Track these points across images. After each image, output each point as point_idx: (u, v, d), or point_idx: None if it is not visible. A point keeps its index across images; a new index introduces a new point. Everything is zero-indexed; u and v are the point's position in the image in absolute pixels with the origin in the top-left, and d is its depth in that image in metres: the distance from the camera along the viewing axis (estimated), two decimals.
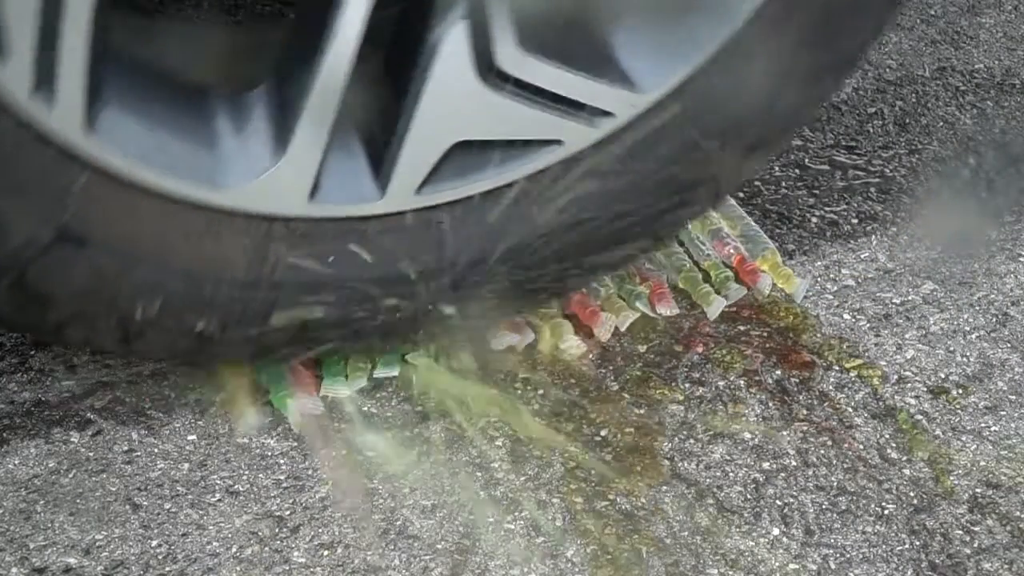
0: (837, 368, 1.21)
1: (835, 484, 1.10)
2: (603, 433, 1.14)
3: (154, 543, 1.03)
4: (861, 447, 1.13)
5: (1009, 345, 1.25)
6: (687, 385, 1.19)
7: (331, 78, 0.93)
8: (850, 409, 1.17)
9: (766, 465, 1.11)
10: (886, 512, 1.07)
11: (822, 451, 1.13)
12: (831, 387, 1.19)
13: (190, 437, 1.13)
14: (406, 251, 1.04)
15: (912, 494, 1.09)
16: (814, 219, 1.42)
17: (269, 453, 1.11)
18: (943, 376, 1.21)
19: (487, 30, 0.96)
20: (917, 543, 1.04)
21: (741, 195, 1.44)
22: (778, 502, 1.08)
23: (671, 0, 1.02)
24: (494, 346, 1.20)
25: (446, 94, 0.97)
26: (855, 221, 1.42)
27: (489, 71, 0.97)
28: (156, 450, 1.11)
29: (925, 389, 1.20)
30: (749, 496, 1.08)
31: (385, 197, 1.01)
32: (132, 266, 1.00)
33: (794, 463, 1.11)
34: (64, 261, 0.98)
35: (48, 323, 1.05)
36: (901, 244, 1.39)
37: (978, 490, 1.09)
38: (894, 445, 1.14)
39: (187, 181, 0.97)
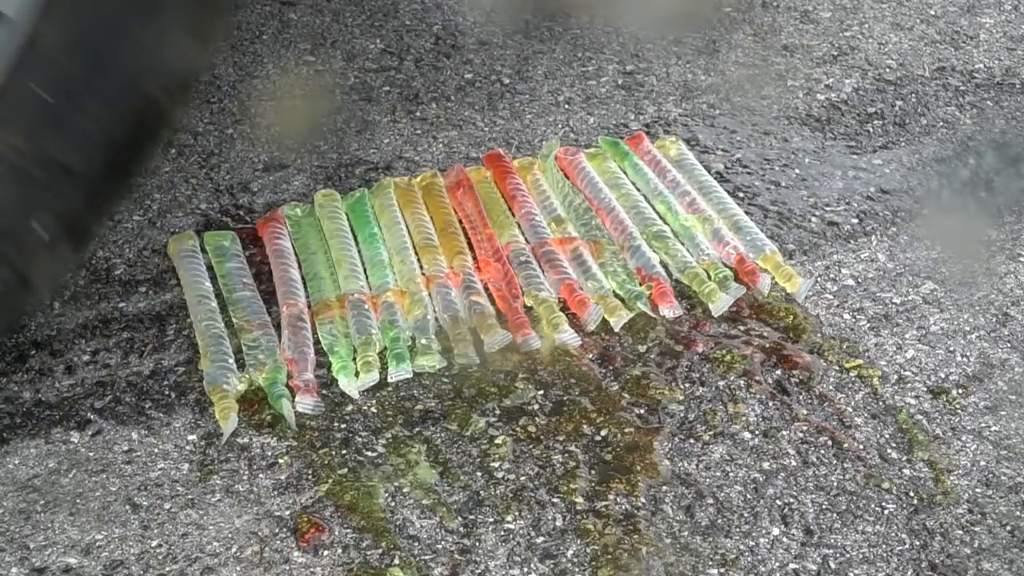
0: (837, 368, 1.21)
1: (835, 484, 1.10)
2: (603, 433, 1.14)
3: (154, 543, 1.03)
4: (861, 447, 1.13)
5: (1009, 345, 1.25)
6: (687, 385, 1.19)
7: None
8: (850, 409, 1.17)
9: (766, 465, 1.11)
10: (886, 512, 1.07)
11: (822, 451, 1.13)
12: (831, 387, 1.19)
13: (190, 437, 1.13)
14: None
15: (912, 494, 1.09)
16: (814, 219, 1.42)
17: (269, 453, 1.11)
18: (943, 376, 1.21)
19: None
20: (917, 543, 1.04)
21: (741, 195, 1.44)
22: (778, 502, 1.08)
23: None
24: (488, 347, 1.20)
25: None
26: (855, 221, 1.42)
27: None
28: (156, 450, 1.11)
29: (925, 389, 1.20)
30: (749, 496, 1.08)
31: None
32: None
33: (794, 463, 1.11)
34: None
35: None
36: (901, 244, 1.39)
37: (978, 490, 1.09)
38: (894, 445, 1.14)
39: None
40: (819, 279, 1.33)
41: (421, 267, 1.29)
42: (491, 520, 1.05)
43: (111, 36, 1.01)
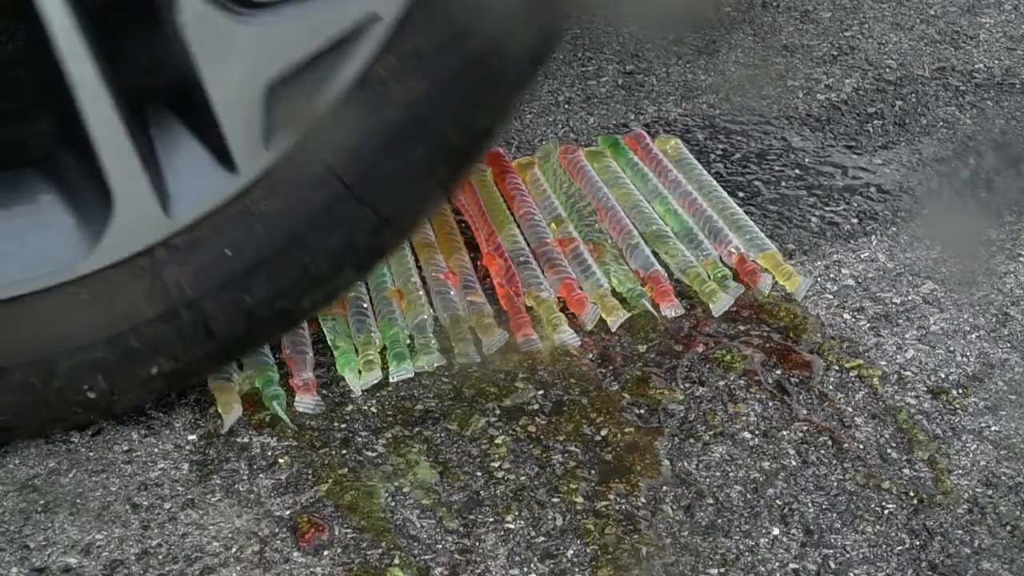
0: (837, 368, 1.22)
1: (835, 484, 1.10)
2: (603, 433, 1.14)
3: (154, 543, 1.03)
4: (861, 447, 1.13)
5: (1009, 345, 1.25)
6: (687, 385, 1.19)
7: (93, 102, 0.89)
8: (850, 409, 1.17)
9: (766, 465, 1.11)
10: (886, 512, 1.07)
11: (822, 451, 1.13)
12: (831, 387, 1.19)
13: (190, 437, 1.13)
14: (304, 196, 0.98)
15: (912, 494, 1.09)
16: (814, 219, 1.42)
17: (269, 453, 1.11)
18: (943, 376, 1.21)
19: None
20: (917, 543, 1.04)
21: (741, 195, 1.44)
22: (778, 502, 1.08)
23: None
24: (486, 348, 1.20)
25: (212, 49, 0.90)
26: (855, 221, 1.42)
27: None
28: (156, 450, 1.11)
29: (925, 389, 1.20)
30: (749, 496, 1.08)
31: (240, 170, 0.95)
32: (51, 366, 1.00)
33: (794, 463, 1.12)
34: None
35: (27, 429, 1.08)
36: (901, 244, 1.39)
37: (978, 490, 1.09)
38: (894, 445, 1.14)
39: (50, 272, 0.95)
40: (819, 279, 1.33)
41: (419, 266, 1.29)
42: (491, 520, 1.05)
43: (310, 229, 1.00)
